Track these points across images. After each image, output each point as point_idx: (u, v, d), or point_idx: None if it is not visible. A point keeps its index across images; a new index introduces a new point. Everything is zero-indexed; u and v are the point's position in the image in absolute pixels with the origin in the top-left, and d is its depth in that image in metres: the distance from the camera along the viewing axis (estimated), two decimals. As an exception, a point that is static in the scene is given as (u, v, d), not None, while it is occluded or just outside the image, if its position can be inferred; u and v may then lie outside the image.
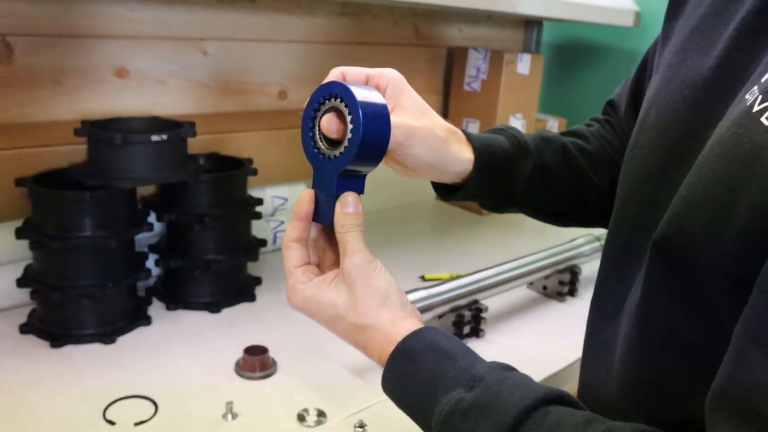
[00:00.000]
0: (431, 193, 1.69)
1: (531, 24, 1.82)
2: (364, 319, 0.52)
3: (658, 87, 0.55)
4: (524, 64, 1.55)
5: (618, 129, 0.77)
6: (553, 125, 1.74)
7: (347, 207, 0.54)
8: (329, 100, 0.52)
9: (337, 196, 0.54)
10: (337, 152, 0.52)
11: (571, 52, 1.87)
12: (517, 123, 1.59)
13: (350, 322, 0.53)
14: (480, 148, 0.63)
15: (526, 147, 0.68)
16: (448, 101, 1.66)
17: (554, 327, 1.06)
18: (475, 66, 1.56)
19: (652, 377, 0.49)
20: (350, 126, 0.50)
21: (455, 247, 1.40)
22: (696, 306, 0.44)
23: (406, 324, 0.53)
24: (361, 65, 0.61)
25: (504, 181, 0.66)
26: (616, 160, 0.74)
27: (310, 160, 0.55)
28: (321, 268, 0.57)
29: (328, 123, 0.52)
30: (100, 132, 0.89)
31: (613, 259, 0.59)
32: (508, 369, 0.49)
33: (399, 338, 0.51)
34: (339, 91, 0.51)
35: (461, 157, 0.62)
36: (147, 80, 1.15)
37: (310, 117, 0.54)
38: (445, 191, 0.67)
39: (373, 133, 0.51)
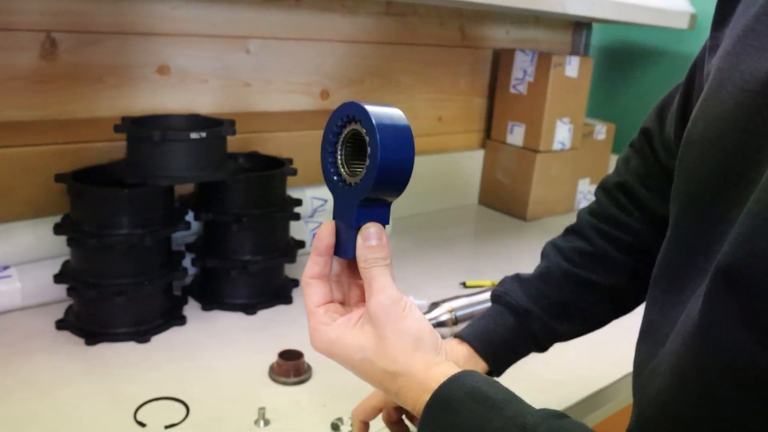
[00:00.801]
0: (474, 197, 1.66)
1: (580, 26, 1.77)
2: (395, 365, 0.48)
3: (706, 95, 0.50)
4: (573, 67, 1.51)
5: (651, 160, 0.72)
6: (601, 130, 1.68)
7: (370, 240, 0.49)
8: (349, 123, 0.49)
9: (358, 228, 0.50)
10: (357, 179, 0.48)
11: (620, 55, 1.82)
12: (564, 127, 1.55)
13: (380, 367, 0.49)
14: (478, 341, 0.69)
15: (526, 310, 0.70)
16: (493, 104, 1.62)
17: (599, 339, 1.00)
18: (522, 68, 1.52)
19: (708, 410, 0.45)
20: (369, 150, 0.46)
21: (497, 253, 1.36)
22: (765, 334, 0.40)
23: (442, 369, 0.48)
24: (405, 66, 0.59)
25: (528, 347, 0.72)
26: (624, 239, 0.72)
27: (330, 188, 0.51)
28: (346, 304, 0.53)
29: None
30: (140, 129, 0.88)
31: (669, 283, 0.54)
32: (560, 417, 0.44)
33: (435, 385, 0.47)
34: (356, 113, 0.47)
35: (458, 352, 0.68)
36: (188, 78, 1.15)
37: (330, 142, 0.50)
38: None
39: (393, 157, 0.46)
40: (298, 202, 1.05)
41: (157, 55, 1.11)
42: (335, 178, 0.50)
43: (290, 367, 0.83)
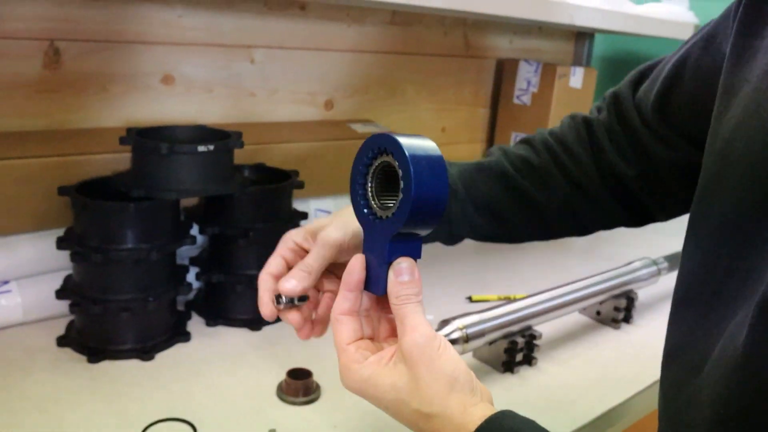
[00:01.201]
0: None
1: (582, 36, 1.76)
2: (429, 407, 0.47)
3: (743, 115, 0.49)
4: (577, 78, 1.50)
5: (614, 128, 0.72)
6: (605, 141, 1.67)
7: (402, 275, 0.48)
8: (380, 155, 0.48)
9: (390, 263, 0.49)
10: (389, 213, 0.47)
11: (622, 65, 1.81)
12: (568, 138, 1.54)
13: (414, 408, 0.47)
14: None
15: (452, 189, 0.67)
16: (496, 114, 1.61)
17: (610, 356, 1.00)
18: (526, 79, 1.51)
19: None
20: (402, 183, 0.45)
21: (501, 266, 1.35)
22: None
23: (478, 411, 0.47)
24: (409, 76, 0.59)
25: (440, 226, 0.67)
26: (570, 169, 0.70)
27: (361, 222, 0.50)
28: (375, 339, 0.52)
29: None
30: (146, 141, 0.86)
31: (702, 306, 0.52)
32: None
33: (472, 427, 0.46)
34: (388, 145, 0.46)
35: None
36: (193, 88, 1.13)
37: (360, 173, 0.49)
38: None
39: (427, 190, 0.45)
40: (304, 215, 1.04)
41: (162, 64, 1.09)
42: (365, 211, 0.49)
43: (299, 386, 0.81)
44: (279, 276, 0.58)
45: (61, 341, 0.88)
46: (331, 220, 0.60)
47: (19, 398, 0.77)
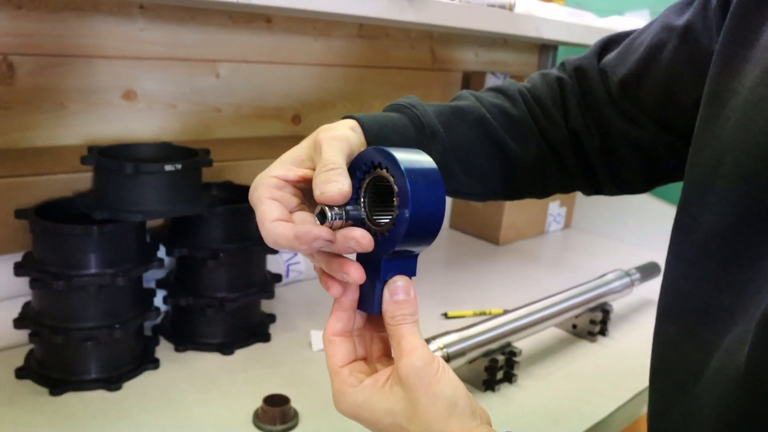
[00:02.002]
0: (446, 221, 1.64)
1: (546, 48, 1.77)
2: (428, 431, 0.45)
3: (734, 128, 0.48)
4: (543, 90, 1.50)
5: (574, 96, 0.69)
6: (571, 153, 1.68)
7: (398, 294, 0.46)
8: (373, 169, 0.45)
9: (385, 281, 0.47)
10: (384, 230, 0.45)
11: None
12: (536, 150, 1.54)
13: None
14: (374, 139, 0.55)
15: (433, 131, 0.60)
16: (463, 127, 1.61)
17: (589, 370, 0.99)
18: (493, 91, 1.51)
19: None
20: (397, 200, 0.43)
21: (471, 280, 1.33)
22: None
23: None
24: (377, 89, 0.54)
25: None
26: (545, 127, 0.68)
27: None
28: (368, 359, 0.50)
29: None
30: (110, 161, 0.82)
31: (690, 320, 0.51)
32: None
33: None
34: (382, 159, 0.44)
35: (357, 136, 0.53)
36: (156, 103, 1.09)
37: (353, 189, 0.46)
38: None
39: (424, 206, 0.43)
40: (275, 234, 1.00)
41: (123, 79, 1.05)
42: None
43: (276, 413, 0.77)
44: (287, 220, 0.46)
45: (20, 373, 0.83)
46: (317, 133, 0.51)
47: (-25, 437, 0.72)
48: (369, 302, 0.47)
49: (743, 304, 0.45)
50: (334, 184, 0.43)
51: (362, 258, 0.47)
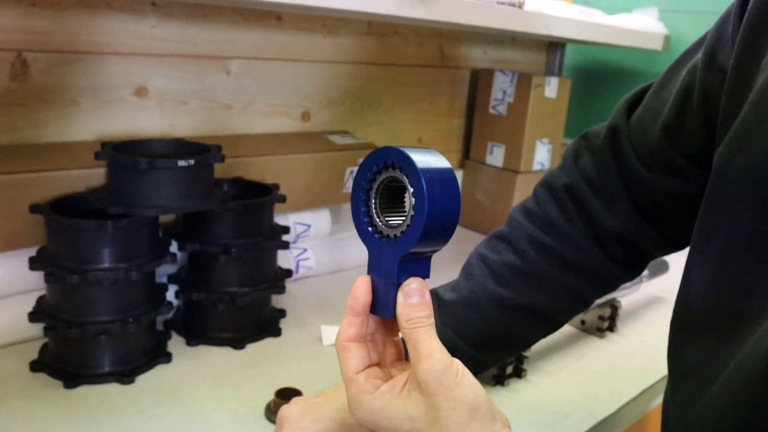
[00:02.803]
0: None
1: (554, 46, 1.78)
2: None
3: (743, 132, 0.48)
4: (552, 88, 1.51)
5: (610, 161, 0.69)
6: (578, 150, 1.68)
7: (412, 297, 0.45)
8: (385, 170, 0.45)
9: (399, 284, 0.46)
10: (398, 232, 0.44)
11: (593, 75, 1.83)
12: (544, 148, 1.54)
13: None
14: None
15: (452, 349, 0.63)
16: (472, 124, 1.61)
17: (598, 366, 1.00)
18: (502, 89, 1.51)
19: None
20: (412, 200, 0.42)
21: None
22: None
23: None
24: (385, 86, 0.54)
25: None
26: (566, 256, 0.69)
27: (365, 242, 0.47)
28: (382, 364, 0.50)
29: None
30: (123, 156, 0.83)
31: (720, 326, 0.51)
32: None
33: None
34: (395, 159, 0.44)
35: None
36: (167, 100, 1.10)
37: (363, 189, 0.46)
38: None
39: (439, 207, 0.43)
40: (286, 230, 1.01)
41: (135, 76, 1.05)
42: (370, 230, 0.46)
43: (288, 407, 0.78)
44: None
45: (35, 366, 0.84)
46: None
47: (-8, 429, 0.72)
48: (383, 306, 0.46)
49: None
50: None
51: (374, 260, 0.46)
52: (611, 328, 1.11)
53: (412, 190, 0.43)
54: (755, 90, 0.49)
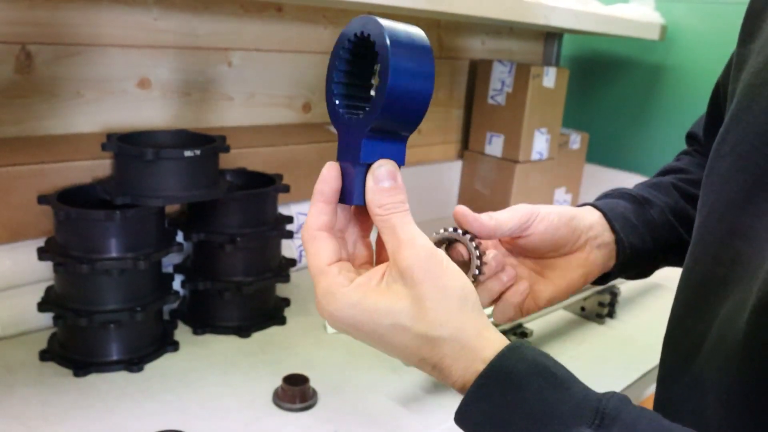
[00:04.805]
0: (451, 208, 1.65)
1: (552, 36, 1.78)
2: (439, 330, 0.40)
3: (737, 110, 0.50)
4: (550, 78, 1.52)
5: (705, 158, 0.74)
6: (576, 139, 1.70)
7: (382, 181, 0.41)
8: (362, 42, 0.41)
9: (368, 165, 0.41)
10: (364, 107, 0.41)
11: (590, 65, 1.84)
12: (542, 137, 1.55)
13: (417, 333, 0.41)
14: (603, 205, 0.63)
15: (644, 197, 0.66)
16: (471, 115, 1.62)
17: (598, 352, 1.01)
18: (500, 79, 1.52)
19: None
20: (379, 67, 0.39)
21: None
22: None
23: (494, 334, 0.42)
24: None
25: (644, 236, 0.64)
26: None
27: (334, 122, 0.43)
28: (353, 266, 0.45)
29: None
30: (130, 147, 0.84)
31: (691, 295, 0.53)
32: (629, 402, 0.41)
33: (491, 352, 0.41)
34: (367, 27, 0.40)
35: (587, 217, 0.61)
36: (170, 92, 1.10)
37: (336, 67, 0.42)
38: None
39: (406, 79, 0.39)
40: (290, 220, 1.02)
41: (138, 67, 1.06)
42: (337, 104, 0.42)
43: (296, 392, 0.79)
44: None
45: (44, 355, 0.85)
46: None
47: (4, 417, 0.73)
48: (351, 192, 0.42)
49: (737, 275, 0.47)
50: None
51: (344, 143, 0.42)
52: (611, 314, 1.12)
53: (379, 56, 0.40)
54: (749, 71, 0.51)
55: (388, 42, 0.39)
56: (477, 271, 0.53)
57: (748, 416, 0.44)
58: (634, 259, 0.63)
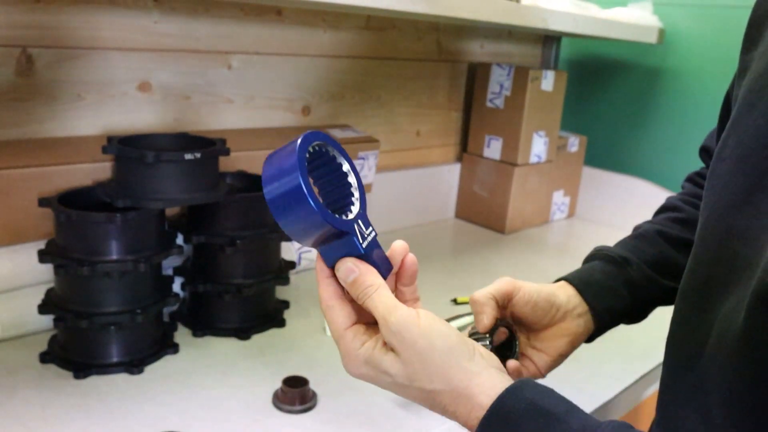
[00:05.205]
0: (451, 211, 1.66)
1: (550, 40, 1.79)
2: (431, 384, 0.47)
3: (738, 114, 0.51)
4: (548, 81, 1.52)
5: None
6: (574, 142, 1.70)
7: (347, 278, 0.48)
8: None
9: (332, 269, 0.49)
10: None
11: (588, 69, 1.85)
12: (540, 140, 1.56)
13: (416, 388, 0.48)
14: (579, 281, 0.68)
15: (623, 257, 0.70)
16: (469, 117, 1.63)
17: (594, 355, 1.01)
18: (499, 82, 1.53)
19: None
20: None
21: (480, 267, 1.36)
22: None
23: (486, 380, 0.47)
24: (384, 80, 0.59)
25: (621, 295, 0.69)
26: None
27: (339, 227, 0.49)
28: (366, 325, 0.52)
29: None
30: (131, 149, 0.84)
31: (694, 295, 0.54)
32: (629, 428, 0.44)
33: (483, 398, 0.46)
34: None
35: (564, 293, 0.67)
36: (170, 95, 1.11)
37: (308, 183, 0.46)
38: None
39: (266, 182, 0.44)
40: (289, 222, 1.02)
41: (138, 71, 1.06)
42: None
43: (296, 394, 0.80)
44: None
45: (45, 357, 0.85)
46: None
47: (5, 418, 0.74)
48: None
49: (736, 276, 0.48)
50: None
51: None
52: (609, 316, 1.13)
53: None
54: (750, 77, 0.52)
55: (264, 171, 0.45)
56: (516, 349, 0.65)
57: (749, 412, 0.45)
58: (614, 319, 0.69)
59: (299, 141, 0.44)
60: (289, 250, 1.16)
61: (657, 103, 1.68)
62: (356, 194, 0.49)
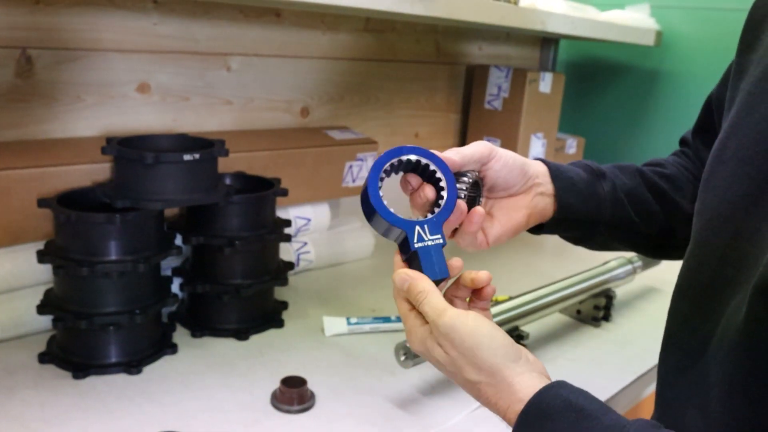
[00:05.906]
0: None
1: (548, 42, 1.80)
2: (477, 377, 0.51)
3: (737, 118, 0.52)
4: (546, 83, 1.53)
5: (695, 160, 0.76)
6: (573, 144, 1.71)
7: (401, 287, 0.54)
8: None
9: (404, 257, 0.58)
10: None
11: (586, 71, 1.85)
12: (539, 142, 1.57)
13: (463, 377, 0.52)
14: (554, 165, 0.67)
15: (601, 171, 0.69)
16: (468, 119, 1.63)
17: (594, 355, 1.02)
18: (497, 84, 1.53)
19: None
20: None
21: (477, 268, 1.34)
22: None
23: (529, 381, 0.50)
24: (383, 82, 0.64)
25: (586, 199, 0.67)
26: (696, 183, 0.72)
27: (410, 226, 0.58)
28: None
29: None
30: (130, 150, 0.84)
31: (697, 295, 0.55)
32: (658, 428, 0.45)
33: (525, 395, 0.49)
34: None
35: (536, 167, 0.65)
36: (169, 96, 1.11)
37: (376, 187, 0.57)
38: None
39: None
40: (288, 223, 1.03)
41: (138, 72, 1.07)
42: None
43: (294, 394, 0.80)
44: None
45: (43, 358, 0.85)
46: None
47: (4, 418, 0.74)
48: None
49: (743, 276, 0.49)
50: None
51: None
52: (606, 317, 1.13)
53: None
54: (749, 81, 0.53)
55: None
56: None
57: (747, 405, 0.46)
58: (569, 218, 0.67)
59: (386, 152, 0.57)
60: (288, 251, 1.16)
61: (654, 105, 1.68)
62: (441, 203, 0.57)
